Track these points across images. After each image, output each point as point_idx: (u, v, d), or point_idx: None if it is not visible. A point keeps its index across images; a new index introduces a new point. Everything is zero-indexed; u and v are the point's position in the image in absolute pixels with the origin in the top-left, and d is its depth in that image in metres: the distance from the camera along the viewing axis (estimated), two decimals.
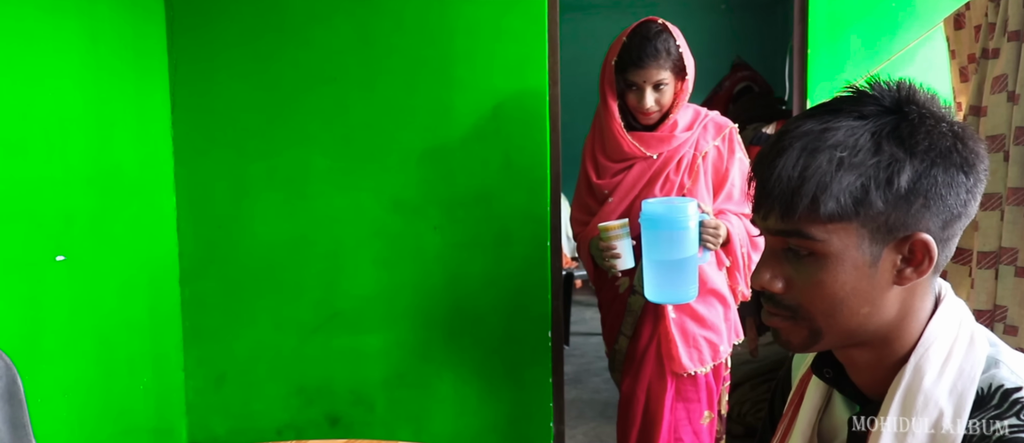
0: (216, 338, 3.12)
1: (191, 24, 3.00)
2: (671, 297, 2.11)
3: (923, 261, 0.84)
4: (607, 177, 2.35)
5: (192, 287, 3.11)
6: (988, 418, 0.80)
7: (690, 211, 2.02)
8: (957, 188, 0.81)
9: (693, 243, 2.04)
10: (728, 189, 2.33)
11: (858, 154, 0.82)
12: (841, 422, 0.96)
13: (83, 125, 2.58)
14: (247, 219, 3.07)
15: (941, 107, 0.84)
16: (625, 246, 2.17)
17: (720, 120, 2.37)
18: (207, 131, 3.04)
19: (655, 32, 2.21)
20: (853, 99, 0.86)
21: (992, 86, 1.76)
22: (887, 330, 0.88)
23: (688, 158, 2.29)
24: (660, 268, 2.04)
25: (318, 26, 2.95)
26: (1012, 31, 1.70)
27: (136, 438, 2.87)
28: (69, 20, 2.51)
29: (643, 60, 2.18)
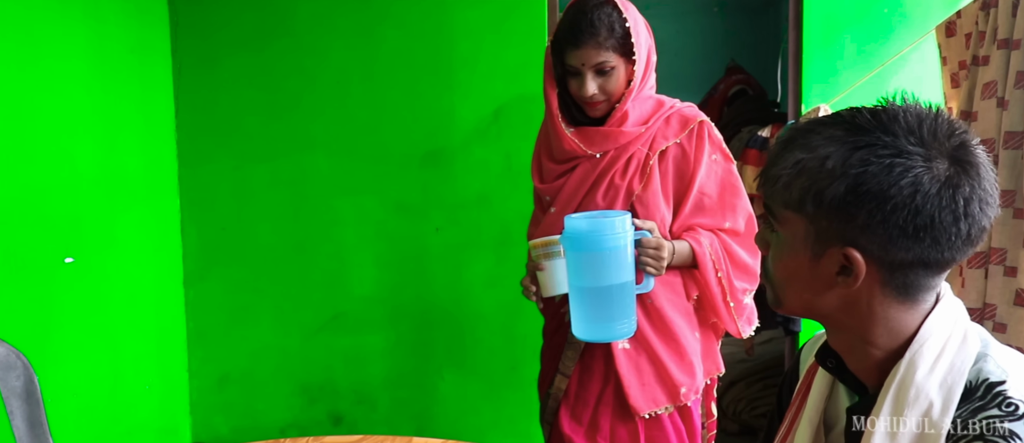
0: (220, 338, 3.17)
1: (195, 29, 3.04)
2: (599, 333, 1.72)
3: (854, 274, 0.91)
4: (550, 180, 1.95)
5: (196, 288, 3.15)
6: (973, 409, 0.86)
7: (619, 228, 1.63)
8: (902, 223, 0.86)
9: (625, 267, 1.66)
10: (696, 198, 1.87)
11: (814, 160, 0.89)
12: (842, 409, 1.03)
13: (90, 129, 2.62)
14: (250, 221, 3.11)
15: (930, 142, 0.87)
16: (555, 268, 1.77)
17: (688, 112, 1.90)
18: (210, 134, 3.08)
19: (594, 4, 1.77)
20: (853, 115, 0.92)
21: (982, 92, 1.82)
22: (846, 322, 0.96)
23: (640, 157, 1.85)
24: (586, 298, 1.69)
25: (322, 31, 3.00)
26: (1002, 39, 1.76)
27: (141, 437, 2.91)
28: (76, 26, 2.55)
29: (579, 38, 1.76)
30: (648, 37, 1.84)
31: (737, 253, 1.88)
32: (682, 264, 1.84)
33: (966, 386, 0.87)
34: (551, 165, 1.94)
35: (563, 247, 1.69)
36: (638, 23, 1.81)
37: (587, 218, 1.69)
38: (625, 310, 1.68)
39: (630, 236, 1.65)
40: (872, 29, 2.72)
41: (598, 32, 1.74)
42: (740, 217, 1.89)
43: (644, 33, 1.82)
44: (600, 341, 1.79)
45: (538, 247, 1.78)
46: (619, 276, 1.64)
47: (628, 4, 1.81)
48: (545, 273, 1.77)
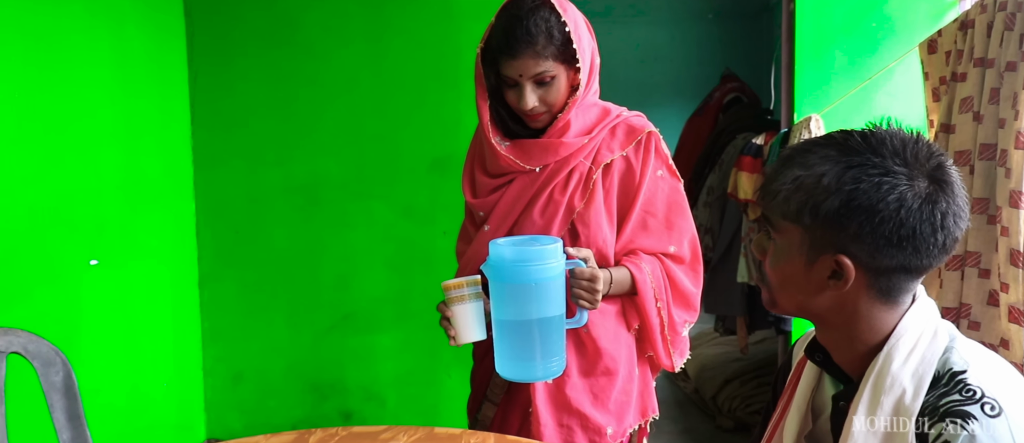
0: (233, 338, 3.28)
1: (209, 40, 3.16)
2: (523, 373, 1.54)
3: (843, 279, 1.03)
4: (483, 195, 1.76)
5: (210, 289, 3.27)
6: (939, 394, 0.98)
7: (550, 257, 1.47)
8: (887, 234, 0.98)
9: (555, 300, 1.50)
10: (640, 216, 1.70)
11: (809, 178, 1.02)
12: (828, 398, 1.15)
13: (112, 138, 2.73)
14: (263, 225, 3.23)
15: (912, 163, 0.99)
16: (471, 312, 1.57)
17: (636, 122, 1.74)
18: (225, 141, 3.20)
19: (529, 9, 1.57)
20: (845, 137, 1.04)
21: (960, 107, 1.95)
22: (835, 320, 1.08)
23: (582, 171, 1.68)
24: (509, 332, 1.51)
25: (333, 41, 3.12)
26: (977, 58, 1.89)
27: (158, 433, 3.02)
28: (100, 39, 2.67)
29: (515, 48, 1.56)
30: (590, 39, 1.67)
31: (680, 282, 1.72)
32: (620, 293, 1.67)
33: (934, 375, 1.00)
34: (485, 179, 1.75)
35: (486, 275, 1.51)
36: (579, 26, 1.62)
37: (513, 245, 1.51)
38: (552, 348, 1.51)
39: (562, 266, 1.50)
40: (861, 43, 2.85)
41: (536, 40, 1.55)
42: (685, 241, 1.73)
43: (586, 36, 1.64)
44: (523, 381, 1.61)
45: (450, 290, 1.56)
46: (547, 310, 1.48)
47: (567, 5, 1.62)
48: (456, 320, 1.57)
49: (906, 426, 0.97)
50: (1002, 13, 1.82)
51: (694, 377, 4.25)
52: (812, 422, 1.18)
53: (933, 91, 2.24)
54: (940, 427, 0.94)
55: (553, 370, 1.53)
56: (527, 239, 1.57)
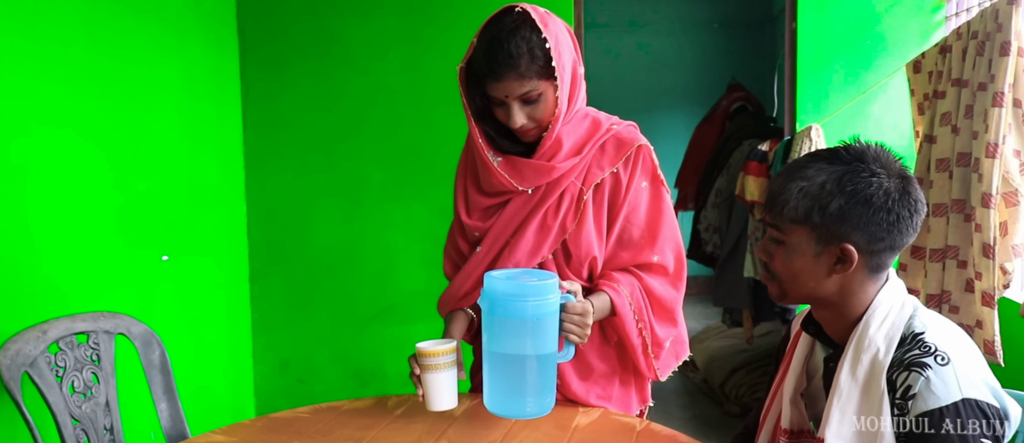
0: (281, 329, 3.57)
1: (260, 55, 3.45)
2: (514, 409, 1.50)
3: (848, 263, 1.30)
4: (477, 214, 1.74)
5: (260, 284, 3.56)
6: (904, 350, 1.25)
7: (548, 292, 1.46)
8: (877, 220, 1.27)
9: (551, 336, 1.48)
10: (621, 229, 1.70)
11: (813, 186, 1.29)
12: (820, 361, 1.43)
13: (179, 148, 3.02)
14: (309, 224, 3.52)
15: (887, 165, 1.29)
16: (445, 382, 1.54)
17: (626, 136, 1.70)
18: (274, 150, 3.49)
19: (509, 29, 1.53)
20: (834, 151, 1.32)
21: (940, 120, 2.23)
22: (833, 300, 1.34)
23: (574, 192, 1.67)
24: (503, 367, 1.48)
25: (373, 54, 3.41)
26: (955, 78, 2.16)
27: (214, 416, 3.30)
28: (170, 57, 2.96)
29: (499, 71, 1.53)
30: (572, 52, 1.61)
31: (661, 296, 1.71)
32: (601, 316, 1.65)
33: (901, 336, 1.28)
34: (479, 198, 1.73)
35: (481, 307, 1.48)
36: (560, 41, 1.57)
37: (509, 278, 1.48)
38: (546, 384, 1.49)
39: (558, 301, 1.49)
40: (857, 59, 3.13)
41: (518, 63, 1.52)
42: (669, 250, 1.72)
43: (567, 50, 1.58)
44: (513, 417, 1.55)
45: (425, 357, 1.52)
46: (543, 346, 1.46)
47: (548, 19, 1.58)
48: (429, 387, 1.54)
49: (880, 377, 1.25)
50: (974, 41, 2.10)
51: (702, 367, 4.53)
52: (806, 382, 1.46)
53: (918, 106, 2.52)
54: (904, 375, 1.22)
55: (544, 407, 1.50)
56: (523, 272, 1.55)
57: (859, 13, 3.12)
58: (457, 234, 1.85)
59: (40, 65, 2.33)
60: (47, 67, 2.36)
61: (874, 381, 1.26)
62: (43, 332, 1.98)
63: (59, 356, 2.01)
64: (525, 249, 1.67)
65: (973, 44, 2.09)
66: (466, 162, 1.80)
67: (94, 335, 2.12)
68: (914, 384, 1.20)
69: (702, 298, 6.66)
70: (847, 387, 1.29)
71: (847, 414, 1.28)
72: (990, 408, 1.20)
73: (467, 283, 1.77)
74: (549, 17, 1.57)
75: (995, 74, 1.96)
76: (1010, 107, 1.94)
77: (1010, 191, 1.96)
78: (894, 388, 1.23)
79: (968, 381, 1.20)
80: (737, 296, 3.80)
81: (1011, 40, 1.92)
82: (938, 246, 2.20)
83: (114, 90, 2.64)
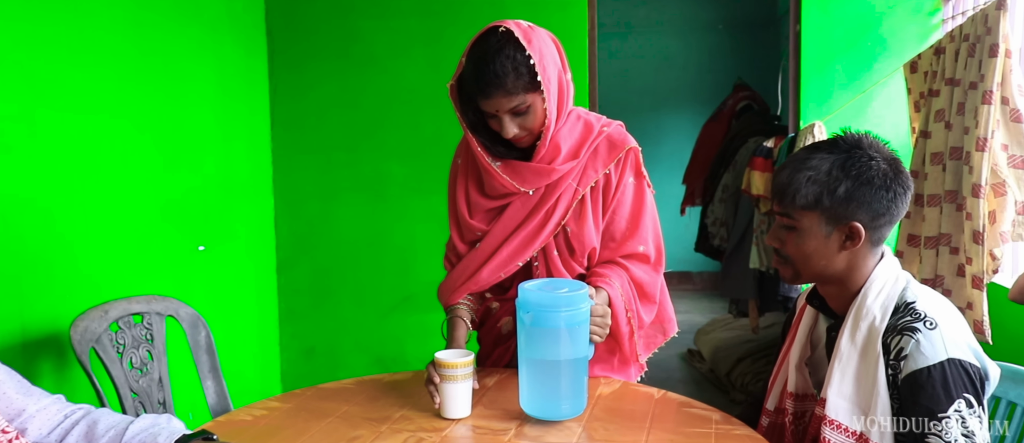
0: (306, 317, 3.74)
1: (286, 55, 3.62)
2: (551, 412, 1.58)
3: (856, 239, 1.45)
4: (479, 216, 1.86)
5: (287, 275, 3.72)
6: (897, 318, 1.41)
7: (581, 301, 1.56)
8: (879, 198, 1.43)
9: (582, 341, 1.58)
10: (610, 219, 1.83)
11: (820, 174, 1.44)
12: (823, 331, 1.59)
13: (213, 143, 3.19)
14: (334, 218, 3.69)
15: (879, 149, 1.45)
16: (462, 392, 1.61)
17: (617, 137, 1.81)
18: (300, 146, 3.66)
19: (495, 48, 1.62)
20: (834, 141, 1.48)
21: (935, 117, 2.38)
22: (841, 276, 1.49)
23: (571, 192, 1.79)
24: (539, 373, 1.57)
25: (394, 53, 3.57)
26: (948, 78, 2.32)
27: (243, 400, 3.46)
28: (206, 60, 3.13)
29: (487, 89, 1.62)
30: (557, 62, 1.70)
31: (643, 282, 1.85)
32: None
33: (896, 306, 1.43)
34: (482, 200, 1.83)
35: (517, 314, 1.57)
36: (544, 55, 1.65)
37: (544, 291, 1.57)
38: (578, 387, 1.58)
39: (588, 309, 1.59)
40: (858, 59, 3.29)
41: (504, 81, 1.60)
42: (650, 240, 1.86)
43: (552, 63, 1.68)
44: (550, 419, 1.59)
45: (443, 368, 1.60)
46: (576, 351, 1.56)
47: (531, 34, 1.66)
48: (445, 396, 1.61)
49: (876, 341, 1.41)
50: (966, 43, 2.25)
51: (709, 357, 4.69)
52: (811, 350, 1.62)
53: (915, 104, 2.67)
54: (897, 339, 1.38)
55: (578, 408, 1.58)
56: (554, 282, 1.64)
57: (860, 16, 3.27)
58: (454, 232, 1.95)
59: (97, 69, 2.50)
60: (102, 71, 2.53)
61: (871, 345, 1.41)
62: (105, 312, 2.15)
63: (119, 334, 2.17)
64: (517, 243, 1.79)
65: (965, 46, 2.24)
66: (465, 168, 1.89)
67: (148, 316, 2.29)
68: (906, 346, 1.36)
69: (709, 293, 6.82)
70: (847, 351, 1.44)
71: (847, 375, 1.44)
72: (972, 367, 1.36)
73: (463, 275, 1.89)
74: (532, 32, 1.66)
75: (985, 74, 2.11)
76: (998, 104, 2.09)
77: (998, 182, 2.12)
78: (888, 351, 1.39)
79: (953, 344, 1.36)
80: (743, 287, 3.95)
81: (999, 42, 2.08)
82: (932, 234, 2.36)
83: (160, 92, 2.81)
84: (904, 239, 2.54)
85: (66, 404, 1.45)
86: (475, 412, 1.64)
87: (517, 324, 1.57)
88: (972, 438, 1.32)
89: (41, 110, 2.29)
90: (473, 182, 1.85)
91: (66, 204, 2.39)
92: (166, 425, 1.38)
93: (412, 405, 1.72)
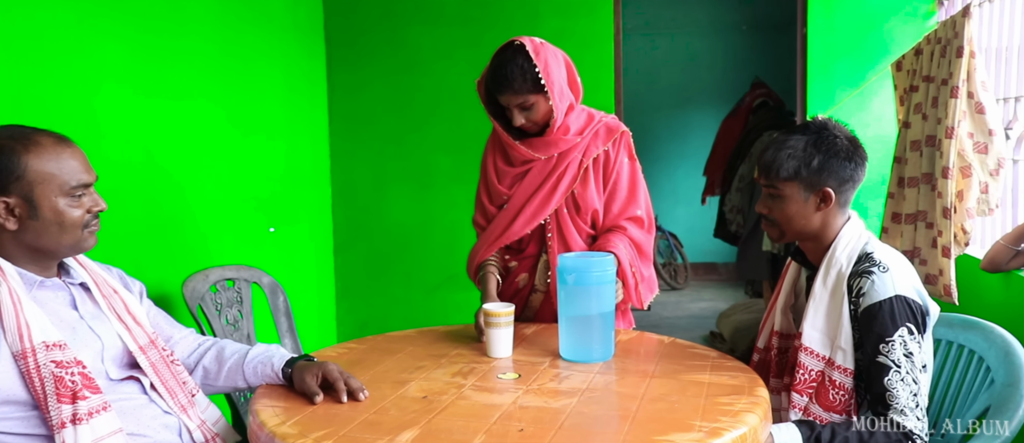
0: (360, 294, 4.15)
1: (343, 59, 4.04)
2: (584, 355, 1.93)
3: (828, 201, 1.81)
4: (506, 181, 2.30)
5: (343, 256, 4.14)
6: (858, 265, 1.75)
7: (608, 266, 1.94)
8: (844, 167, 1.78)
9: (608, 299, 1.93)
10: (611, 188, 2.28)
11: (797, 151, 1.79)
12: (804, 281, 1.95)
13: (282, 140, 3.61)
14: (385, 205, 4.10)
15: (841, 130, 1.81)
16: (504, 336, 1.98)
17: (612, 124, 2.29)
18: (355, 140, 4.08)
19: (508, 57, 2.11)
20: (805, 124, 1.84)
21: (914, 110, 2.72)
22: (817, 233, 1.85)
23: (577, 162, 2.24)
24: (576, 325, 1.94)
25: (439, 56, 3.98)
26: (924, 76, 2.66)
27: None
28: (276, 63, 3.55)
29: (500, 87, 2.12)
30: (560, 71, 2.16)
31: (642, 244, 2.31)
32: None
33: (858, 256, 1.79)
34: (507, 169, 2.29)
35: (558, 280, 1.93)
36: (549, 65, 2.11)
37: (580, 258, 1.99)
38: (606, 337, 1.93)
39: (614, 272, 1.96)
40: (859, 58, 3.62)
41: (512, 83, 2.08)
42: (643, 206, 2.32)
43: (556, 69, 2.14)
44: (585, 362, 1.93)
45: (490, 316, 1.97)
46: (604, 306, 1.92)
47: (540, 47, 2.13)
48: (492, 339, 1.98)
49: (842, 283, 1.76)
50: (938, 45, 2.60)
51: (730, 338, 5.03)
52: (794, 299, 1.98)
53: (900, 98, 3.01)
54: (858, 281, 1.74)
55: (607, 354, 1.94)
56: (586, 253, 2.10)
57: (862, 20, 3.60)
58: (484, 198, 2.42)
59: (192, 73, 2.93)
60: (196, 75, 2.96)
61: (838, 287, 1.77)
62: (206, 276, 2.56)
63: (216, 295, 2.59)
64: (538, 201, 2.24)
65: (938, 47, 2.59)
66: (492, 148, 2.38)
67: (238, 282, 2.70)
68: (864, 286, 1.72)
69: (733, 284, 7.13)
70: (820, 292, 1.80)
71: (819, 311, 1.80)
72: (914, 304, 1.71)
73: (499, 229, 2.33)
74: (543, 47, 2.15)
75: (953, 72, 2.45)
76: (964, 98, 2.43)
77: (965, 165, 2.46)
78: (851, 291, 1.75)
79: (900, 284, 1.71)
80: (758, 269, 4.30)
81: (964, 45, 2.41)
82: (911, 211, 2.70)
83: (239, 93, 3.24)
84: (889, 217, 2.88)
85: (198, 335, 1.86)
86: (515, 352, 2.02)
87: (558, 286, 1.95)
88: (912, 357, 1.67)
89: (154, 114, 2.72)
90: (500, 156, 2.34)
91: (175, 188, 2.82)
92: (276, 351, 1.78)
93: (464, 346, 2.10)
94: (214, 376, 1.79)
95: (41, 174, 1.46)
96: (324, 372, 1.66)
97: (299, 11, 3.79)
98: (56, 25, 2.31)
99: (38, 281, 1.52)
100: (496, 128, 2.27)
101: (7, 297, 1.42)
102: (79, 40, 2.39)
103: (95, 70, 2.46)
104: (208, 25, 3.03)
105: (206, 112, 3.02)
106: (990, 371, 1.86)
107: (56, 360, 1.41)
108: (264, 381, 1.74)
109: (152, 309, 1.80)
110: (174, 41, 2.83)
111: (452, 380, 1.79)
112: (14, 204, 1.45)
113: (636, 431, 1.47)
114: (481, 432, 1.46)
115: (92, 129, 2.44)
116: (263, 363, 1.74)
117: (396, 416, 1.55)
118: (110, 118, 2.52)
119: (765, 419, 1.61)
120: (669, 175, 7.38)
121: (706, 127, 7.08)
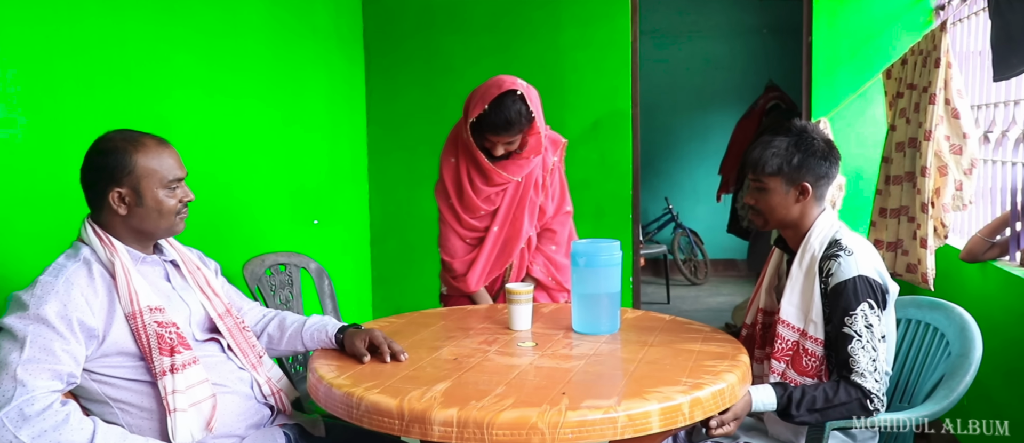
0: (394, 283, 4.48)
1: (380, 65, 4.36)
2: (594, 328, 2.21)
3: (806, 194, 2.08)
4: (482, 197, 2.68)
5: (379, 247, 4.47)
6: (829, 250, 2.01)
7: (614, 251, 2.21)
8: (820, 165, 2.05)
9: (614, 279, 2.21)
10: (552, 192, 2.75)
11: (780, 150, 2.06)
12: (785, 265, 2.22)
13: (325, 137, 3.94)
14: (417, 201, 4.40)
15: (818, 133, 2.08)
16: (525, 311, 2.25)
17: (554, 136, 2.74)
18: (390, 140, 4.41)
19: (508, 104, 2.45)
20: (788, 128, 2.11)
21: (900, 114, 2.99)
22: (795, 222, 2.11)
23: (539, 177, 2.67)
24: (588, 302, 2.22)
25: (468, 61, 4.28)
26: (909, 83, 2.92)
27: None
28: (320, 70, 3.88)
29: (500, 130, 2.47)
30: (540, 110, 2.56)
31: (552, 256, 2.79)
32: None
33: (829, 242, 2.06)
34: (486, 189, 2.66)
35: (571, 262, 2.23)
36: (537, 107, 2.53)
37: (590, 243, 2.27)
38: (613, 313, 2.23)
39: (619, 257, 2.24)
40: (861, 64, 3.87)
41: (512, 127, 2.47)
42: (568, 197, 2.83)
43: (539, 108, 2.55)
44: (592, 334, 2.21)
45: (513, 293, 2.25)
46: (610, 286, 2.21)
47: (527, 89, 2.52)
48: (514, 314, 2.26)
49: (815, 266, 2.04)
50: (921, 55, 2.86)
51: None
52: (777, 280, 2.26)
53: (889, 103, 3.27)
54: (827, 264, 2.01)
55: (614, 327, 2.23)
56: (596, 241, 2.33)
57: (864, 27, 3.85)
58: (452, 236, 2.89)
59: (245, 80, 3.27)
60: (248, 81, 3.29)
61: (811, 269, 2.05)
62: (262, 260, 2.89)
63: (271, 278, 2.91)
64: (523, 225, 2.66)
65: (920, 58, 2.85)
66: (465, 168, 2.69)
67: (289, 266, 3.03)
68: (832, 267, 1.99)
69: (752, 279, 7.35)
70: (796, 274, 2.08)
71: (795, 290, 2.07)
72: (875, 282, 1.98)
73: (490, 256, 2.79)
74: (528, 89, 2.52)
75: (931, 80, 2.72)
76: (941, 104, 2.70)
77: (942, 165, 2.72)
78: (822, 271, 2.02)
79: (863, 266, 1.98)
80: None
81: (941, 55, 2.68)
82: (896, 206, 2.97)
83: (285, 95, 3.58)
84: (877, 212, 3.15)
85: (263, 307, 2.19)
86: (534, 326, 2.32)
87: (571, 268, 2.25)
88: (871, 328, 1.95)
89: (217, 117, 3.06)
90: (476, 176, 2.66)
91: (234, 181, 3.16)
92: (330, 321, 2.10)
93: (490, 320, 2.41)
94: (277, 341, 2.11)
95: (146, 169, 1.78)
96: (371, 337, 1.98)
97: (341, 22, 4.12)
98: (141, 40, 2.66)
99: (141, 257, 1.84)
100: (479, 158, 2.59)
101: (120, 269, 1.74)
102: (157, 54, 2.74)
103: (169, 78, 2.80)
104: (261, 36, 3.36)
105: (259, 115, 3.36)
106: (949, 345, 2.14)
107: (158, 321, 1.74)
108: (319, 345, 2.06)
109: (226, 285, 2.13)
110: (232, 51, 3.17)
111: (478, 346, 2.09)
112: (125, 194, 1.78)
113: (632, 385, 1.77)
114: (502, 384, 1.76)
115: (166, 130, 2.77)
116: (319, 330, 2.06)
117: (431, 372, 1.86)
118: (182, 121, 2.86)
119: (744, 380, 1.90)
120: (689, 174, 7.63)
121: (726, 128, 7.26)
